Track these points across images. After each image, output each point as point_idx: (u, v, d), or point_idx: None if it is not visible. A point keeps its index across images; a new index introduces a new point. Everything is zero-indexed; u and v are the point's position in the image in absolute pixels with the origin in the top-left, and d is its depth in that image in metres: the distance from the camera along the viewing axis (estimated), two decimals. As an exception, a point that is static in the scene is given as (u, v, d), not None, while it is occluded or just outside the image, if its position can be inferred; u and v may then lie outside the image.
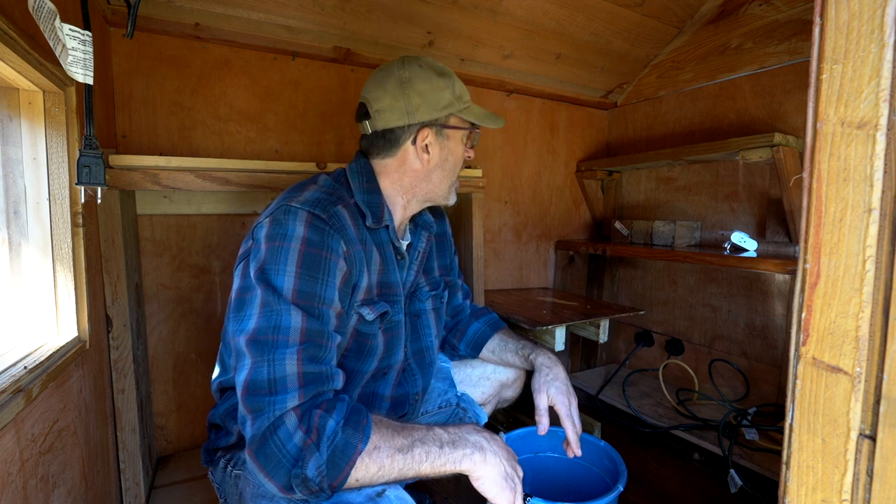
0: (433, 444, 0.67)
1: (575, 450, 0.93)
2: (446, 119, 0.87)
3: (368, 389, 0.91)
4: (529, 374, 1.02)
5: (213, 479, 0.88)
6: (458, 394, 1.10)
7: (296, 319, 0.68)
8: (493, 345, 1.10)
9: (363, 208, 0.84)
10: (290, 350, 0.66)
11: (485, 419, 1.10)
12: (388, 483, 0.66)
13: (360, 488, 0.65)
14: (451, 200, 0.96)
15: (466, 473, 0.70)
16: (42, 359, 0.77)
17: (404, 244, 0.94)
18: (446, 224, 1.12)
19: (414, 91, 0.83)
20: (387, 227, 0.87)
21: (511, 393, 1.17)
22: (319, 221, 0.74)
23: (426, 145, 0.86)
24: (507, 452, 0.74)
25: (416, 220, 1.00)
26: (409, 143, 0.86)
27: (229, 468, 0.83)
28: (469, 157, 0.94)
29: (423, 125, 0.85)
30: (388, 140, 0.86)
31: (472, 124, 0.91)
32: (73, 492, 0.86)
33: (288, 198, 0.78)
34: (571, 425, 0.93)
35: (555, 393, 0.94)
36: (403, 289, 0.93)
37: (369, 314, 0.83)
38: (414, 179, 0.89)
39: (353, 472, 0.62)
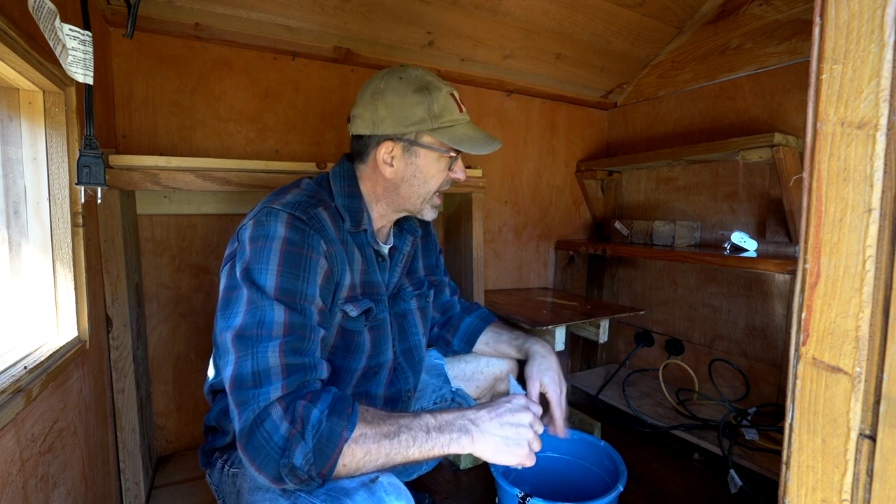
0: (420, 430, 0.68)
1: (560, 433, 0.97)
2: (416, 136, 0.85)
3: (361, 389, 0.92)
4: (522, 365, 1.04)
5: (211, 482, 0.88)
6: (453, 389, 1.12)
7: (279, 314, 0.70)
8: (487, 337, 1.12)
9: (342, 212, 0.86)
10: (273, 343, 0.68)
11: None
12: (377, 469, 0.66)
13: (349, 476, 0.66)
14: (427, 216, 0.94)
15: (459, 454, 0.71)
16: (42, 359, 0.77)
17: (386, 248, 0.96)
18: (430, 225, 1.14)
19: (382, 103, 0.84)
20: (365, 230, 0.89)
21: (505, 386, 1.18)
22: (300, 222, 0.77)
23: (391, 158, 0.86)
24: (503, 420, 0.72)
25: (402, 225, 1.02)
26: (374, 152, 0.87)
27: (226, 468, 0.84)
28: (458, 179, 0.92)
29: (387, 138, 0.85)
30: (360, 146, 0.89)
31: (453, 148, 0.87)
32: (73, 492, 0.86)
33: (270, 200, 0.80)
34: (560, 411, 0.98)
35: (548, 381, 0.98)
36: (386, 289, 0.95)
37: (353, 310, 0.85)
38: (385, 189, 0.90)
39: (340, 458, 0.63)
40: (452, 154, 0.89)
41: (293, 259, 0.74)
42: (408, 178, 0.88)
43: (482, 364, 1.16)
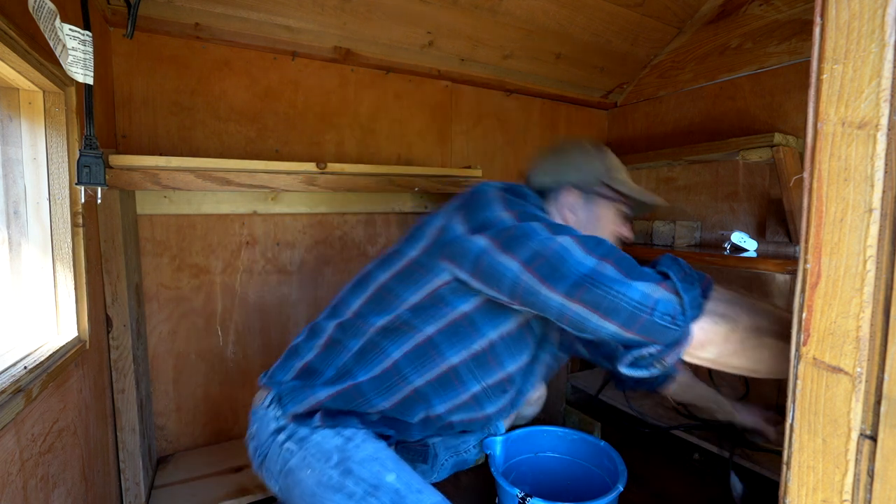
0: None
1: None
2: (595, 185, 0.94)
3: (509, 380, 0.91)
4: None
5: (255, 436, 0.83)
6: None
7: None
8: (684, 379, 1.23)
9: None
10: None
11: (502, 430, 1.10)
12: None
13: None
14: None
15: None
16: (42, 359, 0.77)
17: None
18: None
19: (566, 158, 0.95)
20: None
21: (531, 411, 1.18)
22: None
23: (572, 204, 0.93)
24: None
25: None
26: (557, 199, 0.94)
27: (282, 437, 0.80)
28: (626, 238, 0.99)
29: (570, 185, 0.93)
30: (543, 197, 0.95)
31: (622, 196, 0.95)
32: (73, 492, 0.86)
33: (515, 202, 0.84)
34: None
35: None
36: None
37: None
38: None
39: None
40: (626, 208, 0.97)
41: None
42: (588, 226, 0.93)
43: None
